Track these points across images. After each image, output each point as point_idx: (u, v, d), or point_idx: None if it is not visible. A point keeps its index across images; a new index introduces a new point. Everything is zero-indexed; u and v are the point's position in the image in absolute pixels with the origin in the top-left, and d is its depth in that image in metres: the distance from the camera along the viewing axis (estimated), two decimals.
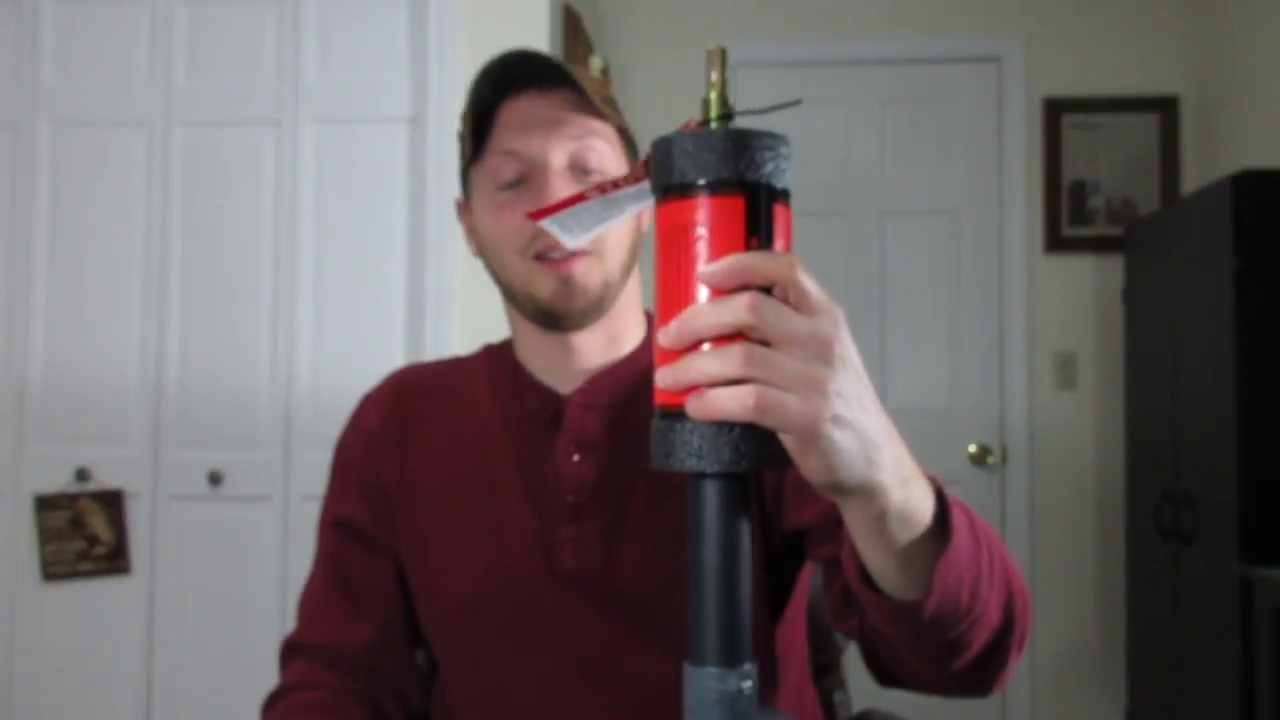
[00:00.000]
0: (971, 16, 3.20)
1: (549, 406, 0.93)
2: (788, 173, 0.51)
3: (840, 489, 0.54)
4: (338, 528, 0.97)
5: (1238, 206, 2.27)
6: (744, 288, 0.48)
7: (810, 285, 0.49)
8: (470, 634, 0.90)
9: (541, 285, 0.88)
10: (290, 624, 2.36)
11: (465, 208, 0.99)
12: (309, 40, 2.43)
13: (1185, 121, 3.14)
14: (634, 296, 0.96)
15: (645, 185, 0.54)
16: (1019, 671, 3.08)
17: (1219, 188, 2.35)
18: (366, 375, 2.37)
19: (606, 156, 0.89)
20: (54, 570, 2.39)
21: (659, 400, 0.51)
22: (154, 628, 2.40)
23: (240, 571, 2.39)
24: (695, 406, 0.48)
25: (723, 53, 0.51)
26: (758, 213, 0.49)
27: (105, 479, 2.41)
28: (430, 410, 0.97)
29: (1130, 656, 2.89)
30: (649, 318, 0.99)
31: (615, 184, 0.57)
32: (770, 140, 0.50)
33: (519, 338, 0.97)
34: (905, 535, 0.59)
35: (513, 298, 0.92)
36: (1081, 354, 3.14)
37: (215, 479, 2.39)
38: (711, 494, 0.50)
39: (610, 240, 0.89)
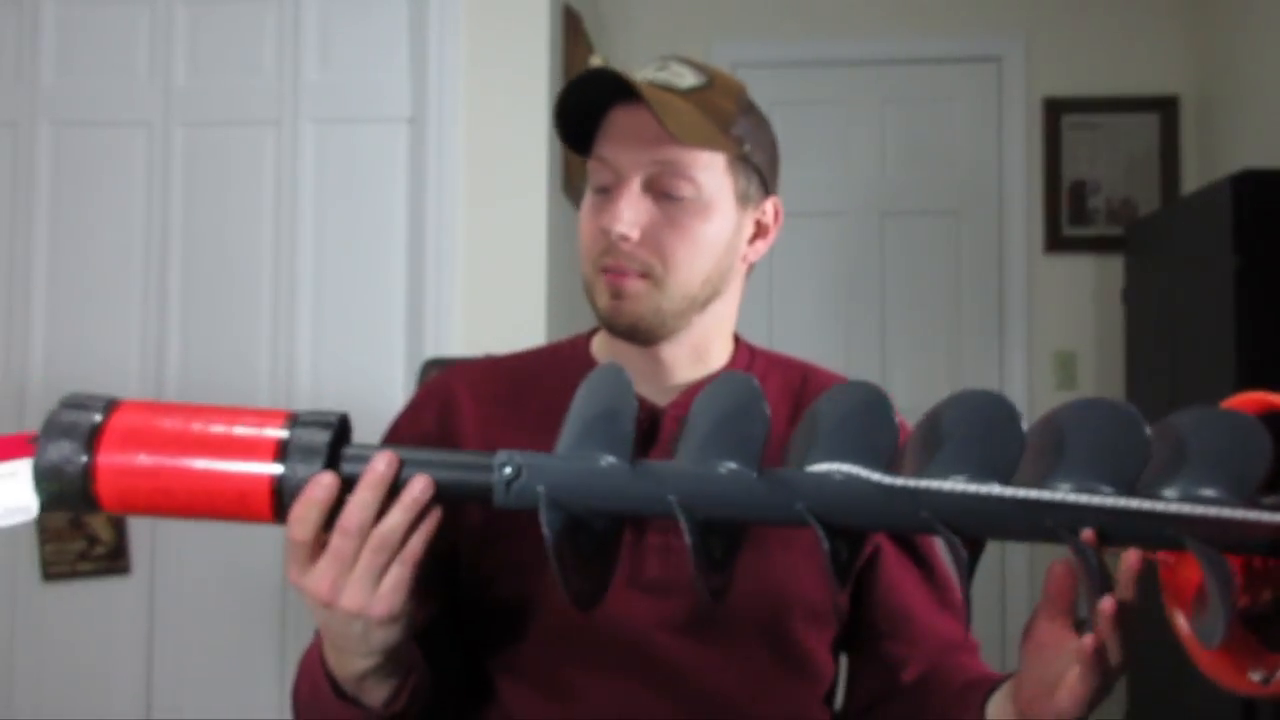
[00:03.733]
0: (971, 16, 3.21)
1: (642, 415, 0.91)
2: None
3: None
4: None
5: (1238, 206, 2.27)
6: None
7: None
8: (536, 638, 0.87)
9: (599, 295, 0.89)
10: (289, 624, 2.36)
11: None
12: (309, 40, 2.43)
13: (1185, 121, 3.14)
14: (726, 320, 0.95)
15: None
16: None
17: (1219, 188, 2.35)
18: (367, 375, 2.39)
19: (703, 186, 0.87)
20: (54, 570, 2.39)
21: None
22: (154, 627, 2.40)
23: (240, 571, 2.39)
24: None
25: None
26: None
27: None
28: (495, 411, 0.93)
29: (1130, 657, 2.89)
30: (737, 340, 0.99)
31: None
32: None
33: (607, 342, 0.96)
34: None
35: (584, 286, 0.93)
36: (1081, 354, 3.14)
37: None
38: None
39: (676, 273, 0.87)
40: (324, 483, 0.63)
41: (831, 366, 1.03)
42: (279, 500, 0.62)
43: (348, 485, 0.64)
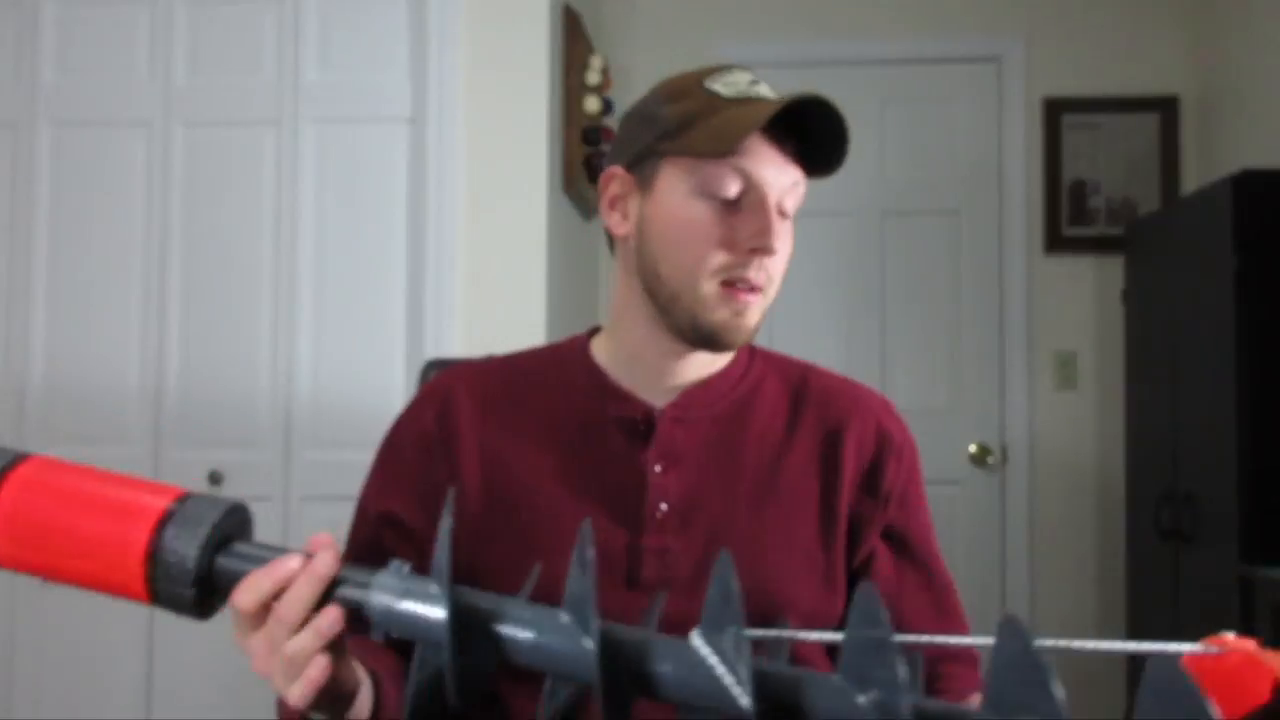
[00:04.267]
0: (971, 16, 3.20)
1: (638, 416, 0.92)
2: None
3: None
4: (383, 523, 0.94)
5: (1238, 206, 2.27)
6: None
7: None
8: None
9: (718, 310, 0.88)
10: None
11: (624, 182, 0.93)
12: (309, 40, 2.43)
13: (1185, 121, 3.14)
14: None
15: None
16: None
17: (1219, 188, 2.35)
18: (367, 375, 2.39)
19: (799, 203, 0.91)
20: None
21: None
22: (154, 627, 2.40)
23: None
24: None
25: None
26: None
27: None
28: (493, 411, 0.94)
29: (1130, 656, 2.89)
30: None
31: None
32: None
33: (626, 340, 0.94)
34: None
35: (667, 304, 0.89)
36: (1081, 354, 3.14)
37: (215, 479, 2.39)
38: None
39: (776, 286, 0.91)
40: (290, 566, 0.61)
41: (831, 366, 1.03)
42: (153, 587, 0.60)
43: (228, 583, 0.62)
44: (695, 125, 0.87)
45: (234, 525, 0.62)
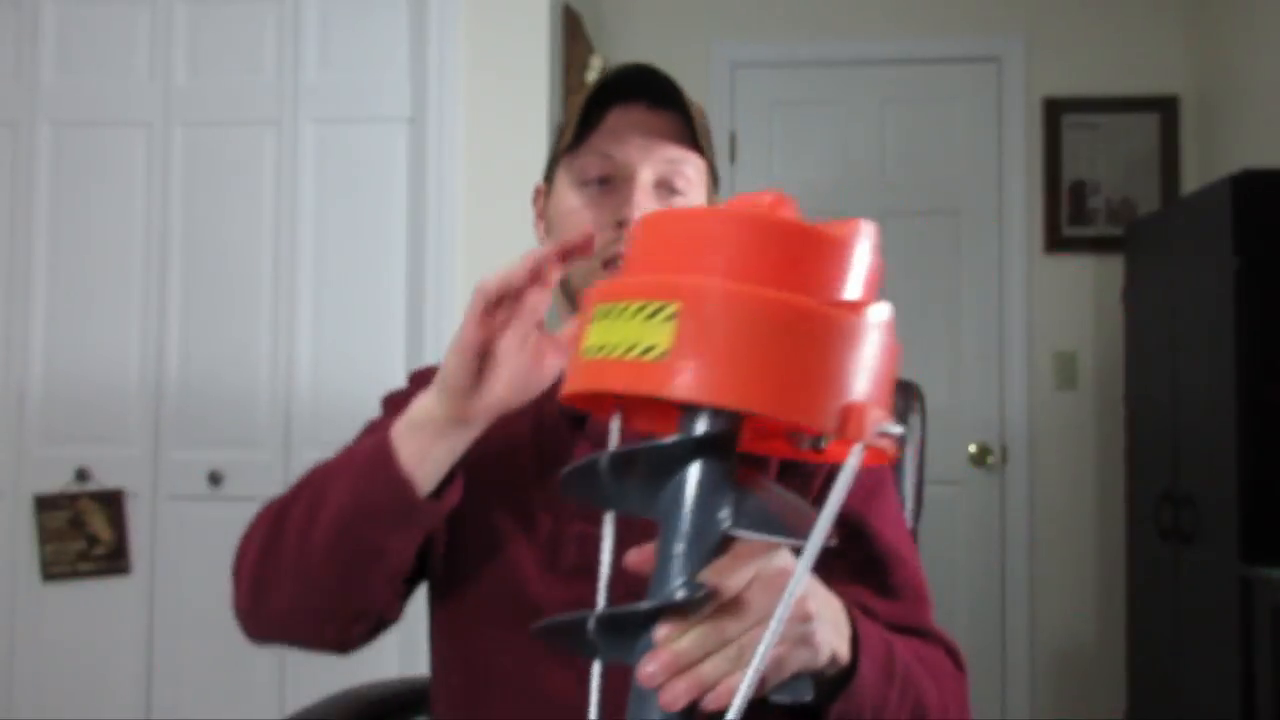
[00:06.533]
0: (971, 16, 3.21)
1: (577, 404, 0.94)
2: None
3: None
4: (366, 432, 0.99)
5: (1238, 206, 2.27)
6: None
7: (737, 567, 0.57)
8: (467, 608, 0.92)
9: None
10: None
11: (543, 194, 1.00)
12: (309, 40, 2.43)
13: (1185, 121, 3.14)
14: None
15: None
16: (1019, 671, 3.08)
17: (1219, 188, 2.35)
18: (367, 375, 2.39)
19: (693, 184, 0.91)
20: (54, 570, 2.39)
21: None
22: (154, 628, 2.40)
23: None
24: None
25: None
26: None
27: (105, 479, 2.41)
28: None
29: (1130, 656, 2.89)
30: None
31: None
32: None
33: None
34: (827, 670, 0.67)
35: (568, 293, 0.93)
36: (1081, 354, 3.14)
37: (215, 479, 2.39)
38: None
39: None
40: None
41: None
42: None
43: None
44: (572, 125, 0.92)
45: None
